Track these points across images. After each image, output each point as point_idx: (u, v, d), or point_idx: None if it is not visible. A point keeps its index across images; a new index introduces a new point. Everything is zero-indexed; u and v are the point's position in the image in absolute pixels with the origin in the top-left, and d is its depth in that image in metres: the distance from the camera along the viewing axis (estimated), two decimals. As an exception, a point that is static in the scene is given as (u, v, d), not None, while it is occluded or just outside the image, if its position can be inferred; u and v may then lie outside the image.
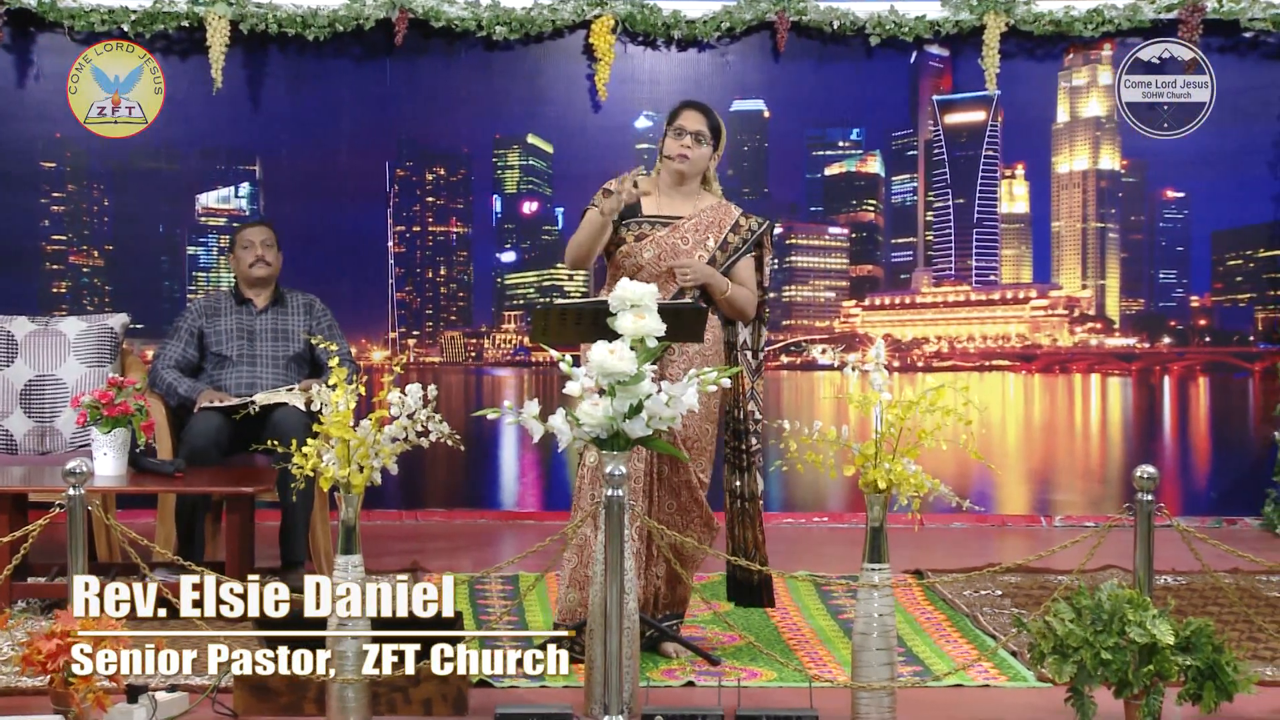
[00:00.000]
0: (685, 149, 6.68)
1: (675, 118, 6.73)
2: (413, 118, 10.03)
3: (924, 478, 5.57)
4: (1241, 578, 8.17)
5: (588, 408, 5.45)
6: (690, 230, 6.69)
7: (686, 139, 6.68)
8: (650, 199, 6.75)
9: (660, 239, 6.65)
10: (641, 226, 6.68)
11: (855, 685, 5.58)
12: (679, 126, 6.70)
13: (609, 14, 9.65)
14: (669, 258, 6.62)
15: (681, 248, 6.64)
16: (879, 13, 9.75)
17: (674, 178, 6.74)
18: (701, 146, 6.70)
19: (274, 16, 9.52)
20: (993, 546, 9.37)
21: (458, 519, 9.99)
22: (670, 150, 6.70)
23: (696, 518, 6.64)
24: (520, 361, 10.33)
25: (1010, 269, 10.37)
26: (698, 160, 6.72)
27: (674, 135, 6.70)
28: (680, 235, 6.67)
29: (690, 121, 6.70)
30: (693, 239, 6.67)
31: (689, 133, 6.68)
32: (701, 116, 6.72)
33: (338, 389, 5.52)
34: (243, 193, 10.07)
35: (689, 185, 6.76)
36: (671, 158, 6.70)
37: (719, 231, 6.73)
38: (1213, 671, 5.43)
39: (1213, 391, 10.30)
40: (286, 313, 8.30)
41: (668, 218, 6.71)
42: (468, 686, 5.77)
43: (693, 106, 6.76)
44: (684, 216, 6.71)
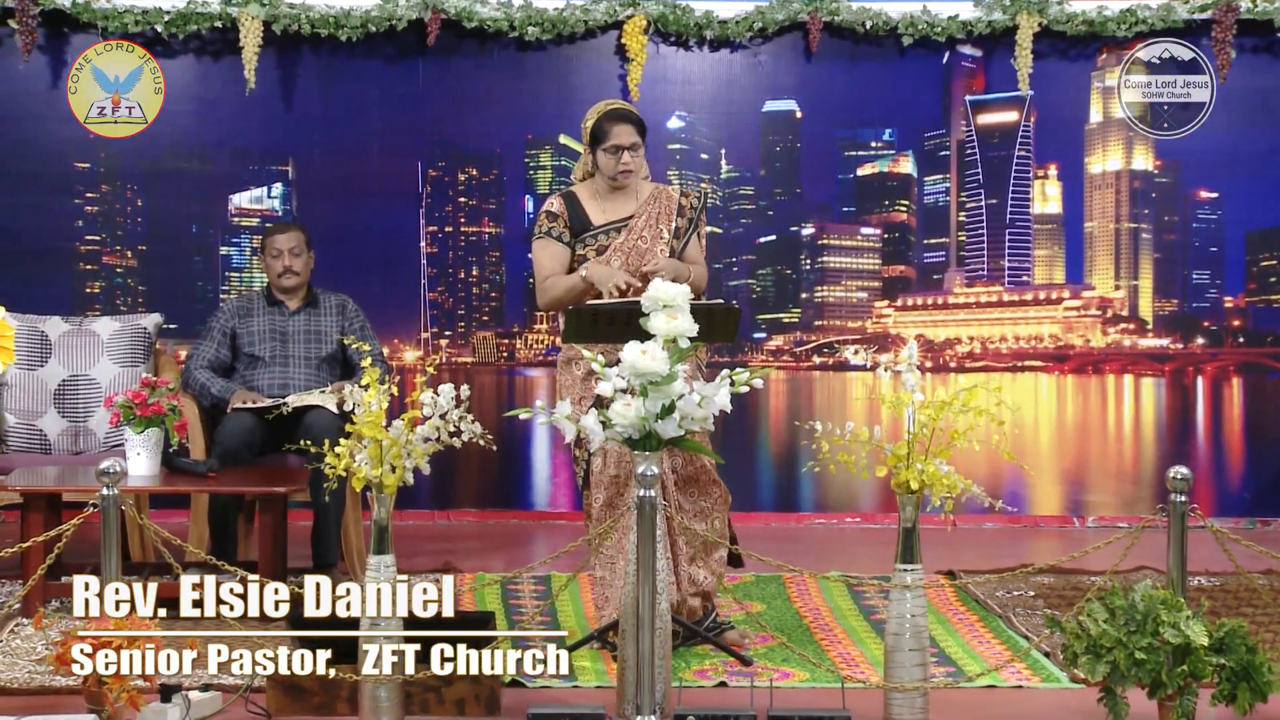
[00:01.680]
0: (626, 165, 6.67)
1: (605, 135, 6.67)
2: (445, 118, 10.04)
3: (956, 478, 5.57)
4: (1275, 579, 8.13)
5: (619, 408, 5.46)
6: (645, 227, 6.72)
7: (625, 155, 6.66)
8: (595, 208, 6.77)
9: (621, 245, 6.67)
10: (598, 239, 6.71)
11: (888, 686, 5.58)
12: (614, 145, 6.66)
13: (641, 14, 9.65)
14: (635, 262, 6.64)
15: (643, 247, 6.68)
16: (911, 13, 9.73)
17: (612, 184, 6.76)
18: (638, 154, 6.70)
19: (306, 17, 9.54)
20: (1025, 547, 9.35)
21: (490, 519, 10.00)
22: (610, 169, 6.68)
23: (718, 498, 6.71)
24: (553, 362, 10.32)
25: (1043, 269, 10.35)
26: (639, 169, 6.74)
27: (609, 153, 6.67)
28: (638, 235, 6.70)
29: (624, 137, 6.66)
30: (650, 234, 6.71)
31: (625, 148, 6.66)
32: (631, 127, 6.69)
33: (370, 389, 5.53)
34: (275, 193, 10.09)
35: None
36: (614, 177, 6.69)
37: (669, 219, 6.77)
38: (1247, 672, 5.42)
39: (1246, 392, 10.27)
40: (319, 314, 8.31)
41: (617, 222, 6.74)
42: (500, 686, 5.78)
43: (619, 119, 6.71)
44: (631, 215, 6.74)
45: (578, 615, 7.39)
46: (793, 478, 10.12)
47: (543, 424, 5.68)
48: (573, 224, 6.73)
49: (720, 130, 10.13)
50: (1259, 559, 6.50)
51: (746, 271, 10.24)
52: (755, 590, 7.91)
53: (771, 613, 7.46)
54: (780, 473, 10.16)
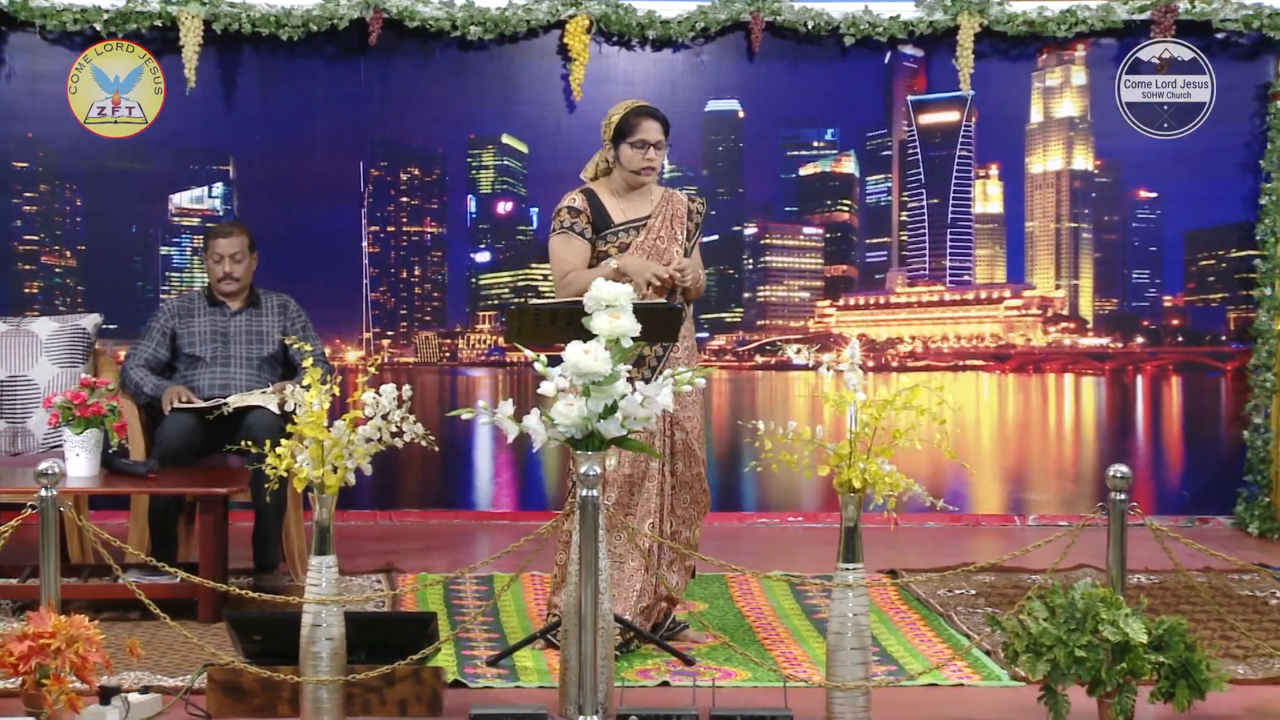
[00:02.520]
0: (651, 161, 6.76)
1: (634, 129, 6.74)
2: (387, 118, 10.01)
3: (898, 477, 5.58)
4: (1214, 576, 8.20)
5: (562, 408, 5.45)
6: (662, 227, 6.79)
7: (650, 151, 6.73)
8: (614, 205, 6.82)
9: (641, 245, 6.75)
10: (619, 236, 6.76)
11: (830, 685, 5.59)
12: (641, 139, 6.73)
13: (583, 14, 9.64)
14: (656, 259, 6.70)
15: (661, 247, 6.74)
16: (853, 13, 9.75)
17: (635, 184, 6.81)
18: (661, 153, 6.79)
19: (247, 16, 9.49)
20: (967, 546, 9.39)
21: (432, 519, 9.97)
22: (635, 163, 6.74)
23: (703, 506, 6.87)
24: (495, 362, 10.32)
25: (984, 269, 10.39)
26: (659, 168, 6.83)
27: (636, 148, 6.73)
28: (656, 235, 6.77)
29: (652, 133, 6.74)
30: (666, 235, 6.78)
31: (652, 144, 6.74)
32: (659, 125, 6.77)
33: (312, 389, 5.51)
34: (216, 193, 10.04)
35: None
36: (638, 171, 6.76)
37: (681, 222, 6.86)
38: (1185, 670, 5.46)
39: (1185, 391, 10.32)
40: (261, 314, 8.28)
41: (636, 221, 6.80)
42: (442, 687, 5.77)
43: (650, 115, 6.79)
44: (648, 215, 6.81)
45: (520, 615, 7.38)
46: (735, 477, 10.13)
47: (485, 424, 5.67)
48: (595, 220, 6.76)
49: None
50: (1198, 557, 6.55)
51: (689, 271, 10.24)
52: (698, 590, 7.91)
53: (714, 612, 7.47)
54: (723, 472, 10.16)
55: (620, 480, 6.63)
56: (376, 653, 5.74)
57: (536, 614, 7.39)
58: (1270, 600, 7.75)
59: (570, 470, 6.61)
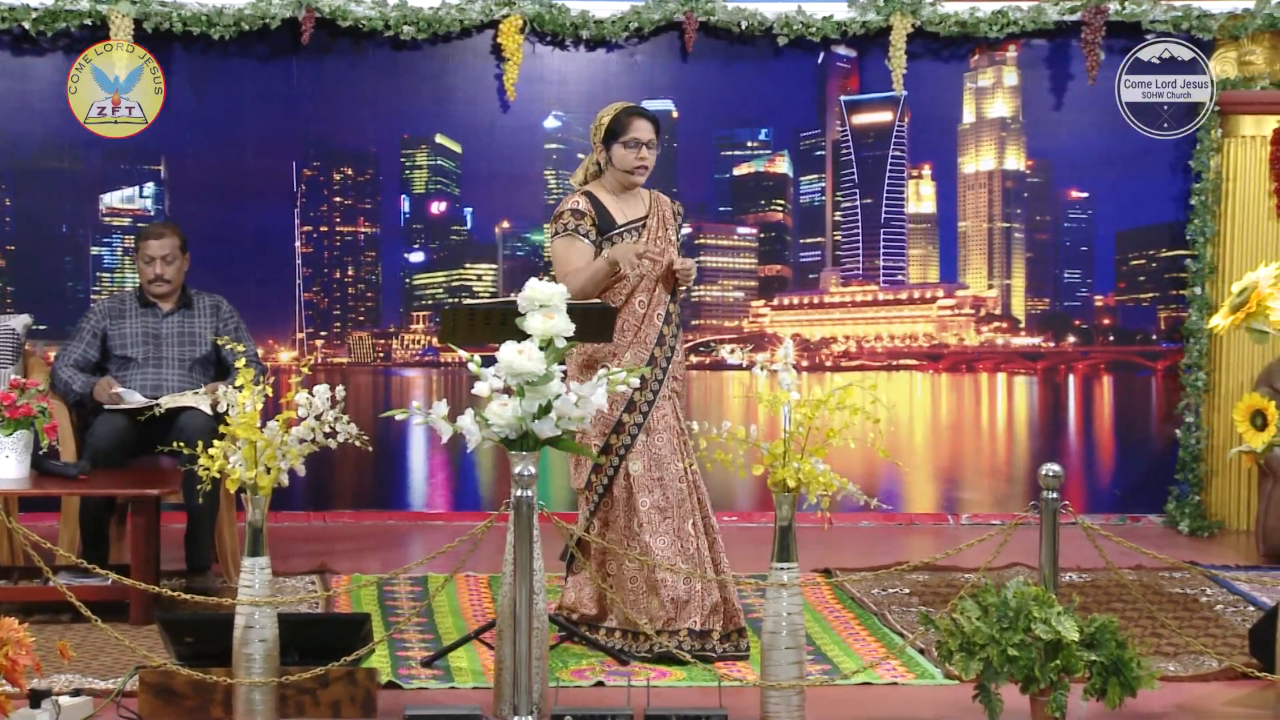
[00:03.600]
0: (644, 159, 6.76)
1: (626, 128, 6.75)
2: (319, 117, 9.97)
3: (832, 476, 5.60)
4: (1145, 574, 8.25)
5: (496, 408, 5.45)
6: (658, 226, 6.83)
7: (643, 150, 6.74)
8: (614, 206, 6.83)
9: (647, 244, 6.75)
10: (622, 237, 6.76)
11: (764, 684, 5.60)
12: (634, 139, 6.73)
13: (517, 14, 9.63)
14: (660, 259, 6.69)
15: (662, 247, 6.76)
16: (786, 13, 9.77)
17: (629, 184, 6.82)
18: (653, 153, 6.79)
19: (178, 15, 9.43)
20: (900, 545, 9.42)
21: (366, 520, 9.94)
22: (628, 163, 6.74)
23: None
24: (429, 362, 10.29)
25: (917, 269, 10.43)
26: (652, 167, 6.81)
27: (629, 147, 6.73)
28: (655, 235, 6.80)
29: (645, 132, 6.75)
30: (663, 234, 6.82)
31: (644, 143, 6.74)
32: (651, 124, 6.79)
33: (244, 390, 5.49)
34: (147, 193, 9.98)
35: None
36: (631, 171, 6.75)
37: (671, 222, 6.92)
38: (1117, 667, 5.49)
39: (1116, 390, 10.38)
40: (193, 315, 8.24)
41: (635, 222, 6.82)
42: (377, 688, 5.75)
43: (641, 115, 6.82)
44: (643, 215, 6.85)
45: (455, 616, 7.37)
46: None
47: (419, 425, 5.66)
48: (599, 222, 6.75)
49: (597, 130, 10.12)
50: (1129, 555, 6.59)
51: (623, 271, 10.24)
52: (633, 589, 7.91)
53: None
54: (657, 472, 10.16)
55: (651, 484, 6.63)
56: (310, 654, 5.72)
57: (471, 615, 7.38)
58: (1200, 598, 7.80)
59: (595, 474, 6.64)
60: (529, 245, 10.23)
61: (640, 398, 6.62)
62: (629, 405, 6.62)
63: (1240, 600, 7.76)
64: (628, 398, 6.59)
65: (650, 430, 6.63)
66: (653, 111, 6.91)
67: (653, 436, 6.62)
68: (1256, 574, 8.25)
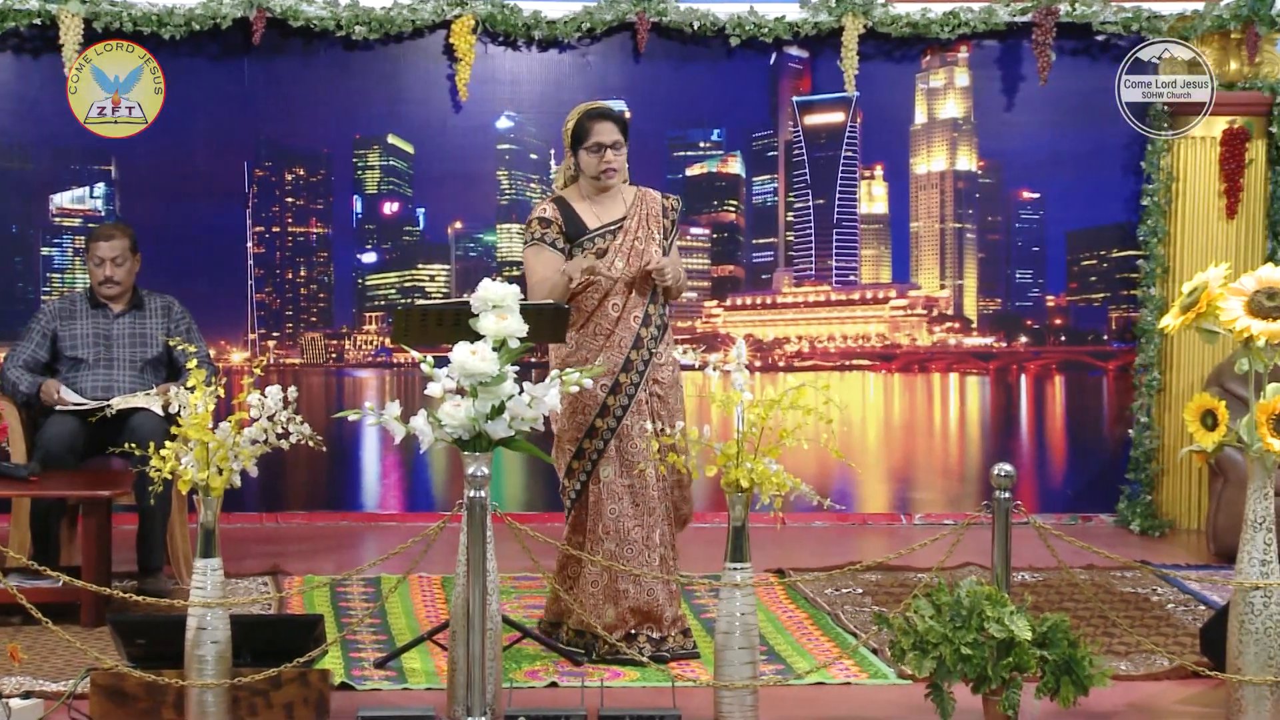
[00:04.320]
0: (609, 163, 6.65)
1: (586, 134, 6.66)
2: (271, 117, 9.93)
3: (785, 477, 5.61)
4: (1096, 574, 8.29)
5: (449, 409, 5.44)
6: (638, 228, 6.70)
7: (608, 153, 6.64)
8: (587, 211, 6.73)
9: (620, 248, 6.65)
10: (595, 242, 6.66)
11: (717, 684, 5.61)
12: (595, 143, 6.63)
13: (469, 14, 9.61)
14: (636, 261, 6.63)
15: (640, 247, 6.66)
16: (739, 14, 9.78)
17: (601, 188, 6.73)
18: (620, 153, 6.67)
19: (128, 15, 9.39)
20: (854, 545, 9.44)
21: (319, 521, 9.91)
22: (594, 169, 6.65)
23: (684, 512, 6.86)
24: (382, 363, 10.27)
25: (869, 269, 10.45)
26: (622, 168, 6.72)
27: (592, 152, 6.64)
28: (634, 236, 6.68)
29: (606, 134, 6.65)
30: (644, 234, 6.70)
31: (608, 146, 6.64)
32: (613, 124, 6.68)
33: (196, 391, 5.48)
34: (98, 193, 9.93)
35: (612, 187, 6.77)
36: (598, 176, 6.66)
37: (657, 220, 6.77)
38: (1069, 666, 5.51)
39: (1068, 390, 10.42)
40: (144, 316, 8.20)
41: (611, 225, 6.71)
42: (329, 689, 5.74)
43: (601, 117, 6.70)
44: (622, 217, 6.73)
45: (408, 616, 7.35)
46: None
47: (372, 425, 5.65)
48: (567, 229, 6.67)
49: (549, 130, 10.11)
50: (1081, 554, 6.62)
51: (576, 272, 10.23)
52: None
53: (602, 612, 7.47)
54: (611, 472, 10.17)
55: (621, 490, 6.58)
56: (262, 656, 5.70)
57: (425, 616, 7.37)
58: (1151, 597, 7.84)
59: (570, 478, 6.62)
60: (482, 246, 10.21)
61: (614, 402, 6.57)
62: (602, 410, 6.57)
63: (1191, 599, 7.81)
64: (600, 401, 6.57)
65: (624, 436, 6.59)
66: (616, 110, 6.83)
67: (625, 442, 6.58)
68: (1207, 573, 8.29)
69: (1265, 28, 9.75)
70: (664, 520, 6.64)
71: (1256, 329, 5.74)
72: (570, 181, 6.84)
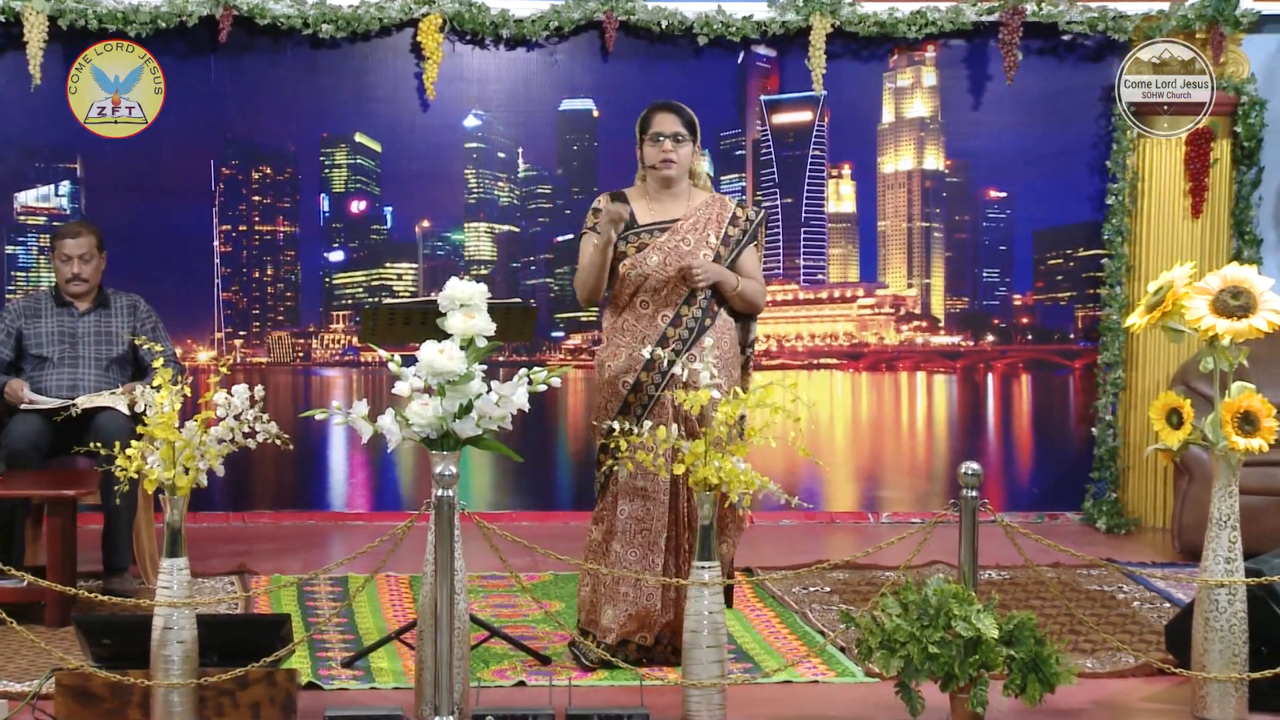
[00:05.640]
0: (668, 153, 6.53)
1: (648, 124, 6.59)
2: (238, 116, 9.91)
3: (753, 475, 5.61)
4: (1063, 572, 8.31)
5: (417, 407, 5.44)
6: (690, 230, 6.55)
7: (666, 143, 6.53)
8: (642, 207, 6.62)
9: (662, 244, 6.51)
10: (640, 236, 6.56)
11: (685, 683, 5.61)
12: (655, 133, 6.55)
13: (436, 12, 9.60)
14: (674, 261, 6.48)
15: (684, 249, 6.51)
16: (706, 13, 9.78)
17: (661, 183, 6.61)
18: (683, 146, 6.56)
19: (94, 12, 9.37)
20: (821, 543, 9.46)
21: (286, 520, 9.89)
22: (652, 159, 6.56)
23: (730, 524, 6.57)
24: (349, 362, 10.25)
25: (837, 268, 10.46)
26: (683, 161, 6.58)
27: (651, 142, 6.55)
28: (681, 237, 6.53)
29: (666, 124, 6.56)
30: (694, 238, 6.54)
31: (667, 136, 6.54)
32: (675, 116, 6.58)
33: (162, 390, 5.46)
34: (63, 191, 9.89)
35: (678, 186, 6.64)
36: (656, 166, 6.56)
37: (719, 226, 6.61)
38: (1035, 664, 5.53)
39: (1035, 389, 10.45)
40: (110, 315, 8.18)
41: (664, 223, 6.58)
42: (297, 689, 5.72)
43: (663, 109, 6.61)
44: (680, 218, 6.59)
45: (375, 616, 7.34)
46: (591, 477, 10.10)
47: (339, 425, 5.65)
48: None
49: (517, 129, 10.11)
50: (1047, 552, 6.64)
51: (544, 270, 10.23)
52: (554, 589, 7.92)
53: (570, 611, 7.46)
54: (579, 472, 10.17)
55: (633, 492, 6.47)
56: (229, 656, 5.69)
57: (392, 615, 7.36)
58: (1117, 595, 7.87)
59: (599, 469, 6.53)
60: (449, 244, 10.20)
61: (635, 400, 6.44)
62: (624, 407, 6.45)
63: (1156, 597, 7.83)
64: (623, 398, 6.49)
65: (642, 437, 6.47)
66: (684, 106, 6.67)
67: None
68: (1172, 571, 8.33)
69: (1229, 28, 9.79)
70: (677, 525, 6.49)
71: (1221, 328, 5.76)
72: (640, 179, 6.75)
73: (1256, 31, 9.98)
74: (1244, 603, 5.83)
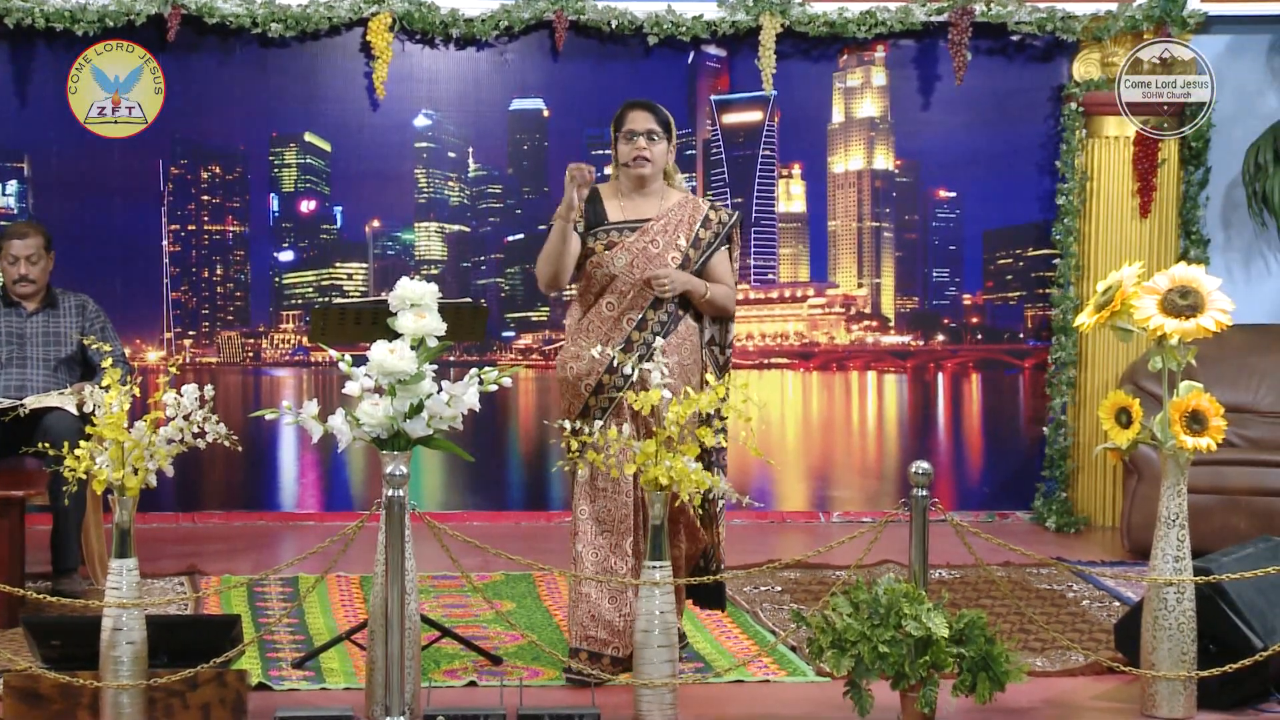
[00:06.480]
0: (641, 151, 6.46)
1: (622, 122, 6.51)
2: (187, 115, 9.86)
3: (704, 475, 5.62)
4: (1013, 571, 8.34)
5: (368, 407, 5.43)
6: (660, 232, 6.47)
7: (640, 140, 6.46)
8: (614, 205, 6.54)
9: (630, 244, 6.42)
10: (609, 234, 6.47)
11: (637, 682, 5.62)
12: (628, 130, 6.48)
13: (386, 11, 9.58)
14: (642, 263, 6.40)
15: (653, 251, 6.42)
16: (657, 12, 9.79)
17: (634, 181, 6.53)
18: (656, 144, 6.48)
19: (40, 10, 9.32)
20: (772, 542, 9.47)
21: (236, 521, 9.86)
22: (625, 156, 6.48)
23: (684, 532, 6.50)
24: (299, 361, 10.22)
25: (788, 268, 10.47)
26: (657, 159, 6.51)
27: (625, 140, 6.48)
28: (650, 238, 6.44)
29: (639, 122, 6.49)
30: (663, 240, 6.45)
31: (640, 134, 6.47)
32: (648, 114, 6.51)
33: (111, 390, 5.44)
34: (10, 191, 9.84)
35: (652, 185, 6.56)
36: (629, 164, 6.48)
37: (689, 228, 6.53)
38: (986, 663, 5.55)
39: (985, 388, 10.48)
40: (58, 315, 8.14)
41: (635, 222, 6.50)
42: (247, 690, 5.71)
43: (638, 106, 6.54)
44: (651, 218, 6.51)
45: (326, 616, 7.33)
46: (542, 477, 10.13)
47: (289, 425, 5.64)
48: (588, 216, 6.47)
49: (468, 129, 10.10)
50: (998, 551, 6.66)
51: (495, 270, 10.22)
52: (505, 589, 7.91)
53: (522, 611, 7.47)
54: (529, 472, 10.17)
55: (594, 493, 6.38)
56: (179, 656, 5.66)
57: (343, 615, 7.35)
58: (1067, 594, 7.90)
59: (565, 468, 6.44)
60: (400, 244, 10.18)
61: (595, 403, 6.35)
62: (584, 409, 6.37)
63: (1106, 596, 7.87)
64: (584, 400, 6.42)
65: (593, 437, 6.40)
66: (657, 105, 6.59)
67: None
68: (1122, 569, 8.37)
69: (1177, 28, 9.83)
70: (639, 531, 6.38)
71: (1170, 327, 5.80)
72: (614, 177, 6.68)
73: (1204, 32, 10.03)
74: (1192, 601, 5.87)
